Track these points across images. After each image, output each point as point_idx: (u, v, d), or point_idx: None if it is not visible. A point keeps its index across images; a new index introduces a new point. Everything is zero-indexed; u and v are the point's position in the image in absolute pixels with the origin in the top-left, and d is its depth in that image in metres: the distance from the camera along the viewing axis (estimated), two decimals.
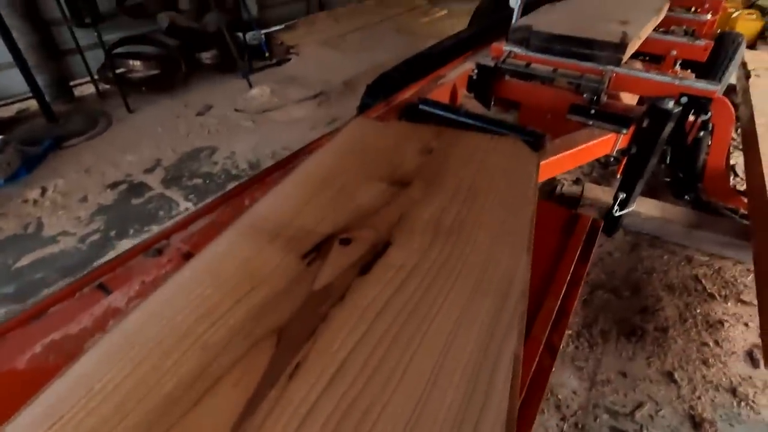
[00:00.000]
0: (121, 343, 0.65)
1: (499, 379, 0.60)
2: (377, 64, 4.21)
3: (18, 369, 0.74)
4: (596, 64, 2.03)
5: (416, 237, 0.84)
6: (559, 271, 0.92)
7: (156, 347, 0.64)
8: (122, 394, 0.58)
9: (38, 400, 0.57)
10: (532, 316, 0.83)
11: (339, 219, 0.89)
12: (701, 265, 2.18)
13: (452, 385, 0.59)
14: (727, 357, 1.76)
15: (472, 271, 0.77)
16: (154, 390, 0.58)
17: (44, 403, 0.57)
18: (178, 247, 1.02)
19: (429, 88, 2.01)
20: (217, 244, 0.82)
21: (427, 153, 1.11)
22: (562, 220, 1.09)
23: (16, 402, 0.56)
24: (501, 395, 0.58)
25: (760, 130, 2.66)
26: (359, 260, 0.79)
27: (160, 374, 0.60)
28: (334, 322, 0.67)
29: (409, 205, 0.92)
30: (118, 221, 2.42)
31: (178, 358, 0.62)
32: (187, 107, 3.68)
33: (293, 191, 0.97)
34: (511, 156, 1.10)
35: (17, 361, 0.75)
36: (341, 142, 1.17)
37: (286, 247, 0.82)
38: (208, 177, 2.82)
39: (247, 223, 0.88)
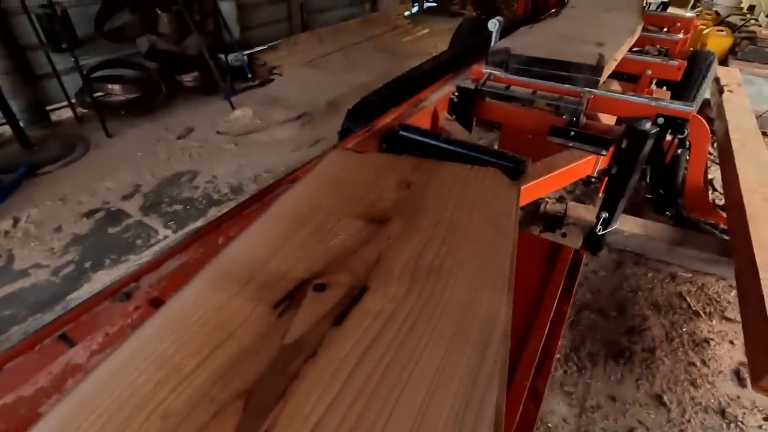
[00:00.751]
0: (75, 413, 0.60)
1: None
2: (361, 84, 4.24)
3: None
4: (574, 86, 2.05)
5: (394, 280, 0.81)
6: (541, 310, 0.90)
7: (112, 417, 0.59)
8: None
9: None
10: (515, 360, 0.80)
11: (314, 262, 0.85)
12: (685, 282, 2.19)
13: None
14: (714, 377, 1.75)
15: (452, 316, 0.74)
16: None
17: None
18: (147, 291, 0.97)
19: (410, 113, 2.01)
20: (183, 295, 0.78)
21: (406, 187, 1.09)
22: (543, 252, 1.07)
23: None
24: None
25: (735, 146, 2.72)
26: (334, 308, 0.75)
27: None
28: (306, 380, 0.64)
29: (387, 245, 0.90)
30: (93, 252, 2.34)
31: (136, 430, 0.58)
32: (168, 131, 3.63)
33: (267, 232, 0.93)
34: (490, 188, 1.08)
35: None
36: (318, 176, 1.14)
37: (257, 296, 0.78)
38: (189, 202, 2.76)
39: (217, 268, 0.84)
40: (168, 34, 3.79)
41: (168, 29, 3.76)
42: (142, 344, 0.70)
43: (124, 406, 0.60)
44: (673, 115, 1.90)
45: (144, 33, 3.73)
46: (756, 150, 2.68)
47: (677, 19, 3.63)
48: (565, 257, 1.05)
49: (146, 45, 3.68)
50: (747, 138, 2.81)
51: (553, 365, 0.82)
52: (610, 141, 1.85)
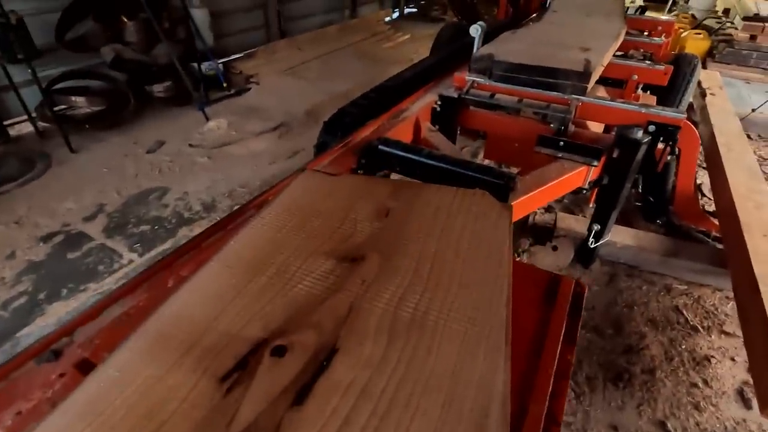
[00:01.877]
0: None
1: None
2: (341, 93, 4.11)
3: None
4: (561, 93, 1.96)
5: (369, 339, 0.67)
6: (542, 361, 0.77)
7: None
8: None
9: None
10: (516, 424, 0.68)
11: (273, 317, 0.71)
12: (681, 295, 2.10)
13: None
14: (718, 398, 1.66)
15: (439, 385, 0.61)
16: None
17: None
18: (77, 353, 0.82)
19: (390, 124, 1.88)
20: (106, 369, 0.63)
21: (384, 216, 0.95)
22: (540, 285, 0.95)
23: None
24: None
25: (723, 150, 2.67)
26: (295, 380, 0.61)
27: None
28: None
29: (361, 291, 0.76)
30: (49, 281, 2.15)
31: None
32: (137, 144, 3.43)
33: (216, 280, 0.79)
34: (480, 215, 0.96)
35: None
36: (281, 206, 1.00)
37: (201, 365, 0.63)
38: (157, 222, 2.58)
39: (153, 330, 0.69)
40: (135, 42, 3.60)
41: (135, 38, 3.58)
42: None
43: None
44: (664, 123, 1.82)
45: (109, 42, 3.53)
46: (743, 154, 2.63)
47: (658, 23, 3.61)
48: (566, 291, 0.93)
49: (111, 54, 3.48)
50: (733, 142, 2.77)
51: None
52: (601, 151, 1.75)
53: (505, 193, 1.43)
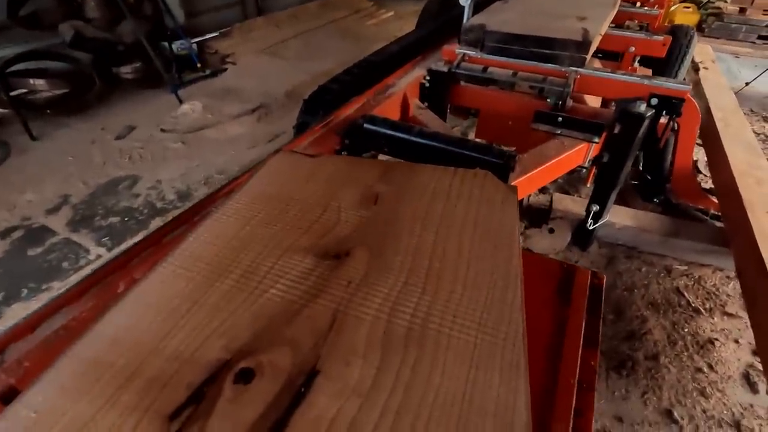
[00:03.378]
0: None
1: None
2: (323, 72, 3.90)
3: None
4: (558, 65, 1.83)
5: (357, 357, 0.54)
6: (563, 369, 0.66)
7: None
8: None
9: None
10: None
11: (238, 332, 0.57)
12: (681, 276, 2.03)
13: None
14: (724, 383, 1.59)
15: (447, 416, 0.48)
16: None
17: None
18: (3, 377, 0.67)
19: (376, 101, 1.73)
20: (23, 405, 0.49)
21: (372, 203, 0.81)
22: (553, 279, 0.83)
23: None
24: None
25: (720, 125, 2.58)
26: (264, 416, 0.48)
27: None
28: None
29: (346, 296, 0.63)
30: (8, 280, 1.96)
31: None
32: (105, 130, 3.20)
33: (171, 286, 0.64)
34: (483, 200, 0.83)
35: None
36: (250, 193, 0.85)
37: (143, 401, 0.49)
38: (128, 213, 2.40)
39: (84, 356, 0.55)
40: (97, 19, 3.32)
41: (97, 14, 3.30)
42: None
43: None
44: (668, 95, 1.70)
45: (67, 18, 3.25)
46: (741, 129, 2.55)
47: None
48: (582, 284, 0.81)
49: (71, 32, 3.21)
50: (730, 117, 2.68)
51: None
52: (603, 126, 1.63)
53: (505, 173, 1.30)
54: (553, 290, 0.81)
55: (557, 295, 0.80)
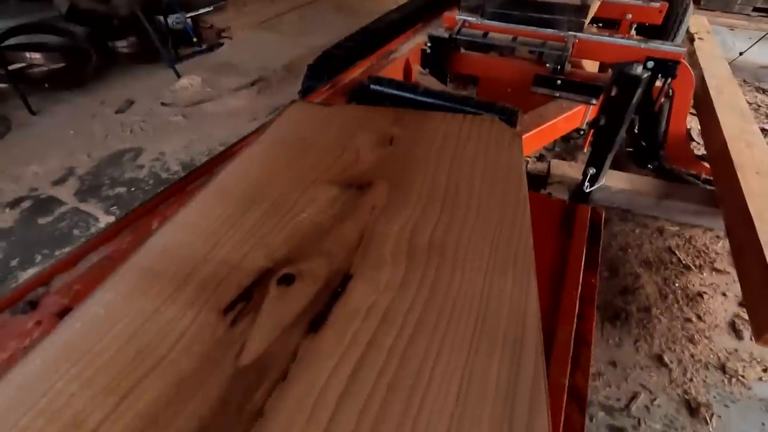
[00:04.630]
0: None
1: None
2: (320, 46, 3.85)
3: None
4: (557, 30, 1.87)
5: (386, 264, 0.61)
6: (566, 286, 0.73)
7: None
8: None
9: None
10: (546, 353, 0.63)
11: (277, 245, 0.64)
12: (673, 236, 2.11)
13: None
14: (711, 331, 1.69)
15: (468, 308, 0.55)
16: None
17: None
18: (55, 300, 0.73)
19: (380, 65, 1.77)
20: (89, 306, 0.55)
21: (387, 144, 0.87)
22: (556, 215, 0.90)
23: None
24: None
25: (713, 93, 2.63)
26: (308, 308, 0.55)
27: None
28: (274, 421, 0.43)
29: (371, 218, 0.69)
30: (21, 247, 2.01)
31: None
32: (104, 105, 3.20)
33: (209, 212, 0.70)
34: (490, 141, 0.88)
35: None
36: (274, 137, 0.90)
37: (200, 297, 0.56)
38: (134, 184, 2.43)
39: (140, 266, 0.61)
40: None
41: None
42: (23, 386, 0.47)
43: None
44: (664, 58, 1.75)
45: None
46: (734, 97, 2.60)
47: None
48: (583, 219, 0.88)
49: (66, 4, 3.17)
50: (723, 85, 2.73)
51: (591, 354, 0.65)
52: (601, 88, 1.69)
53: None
54: (557, 224, 0.87)
55: (560, 228, 0.87)
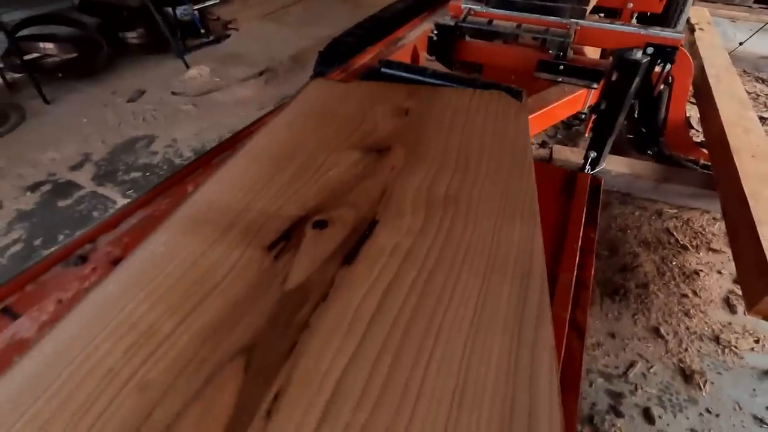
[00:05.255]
0: (22, 390, 0.46)
1: (542, 390, 0.47)
2: (325, 37, 3.92)
3: None
4: (560, 17, 1.93)
5: (406, 213, 0.68)
6: (567, 239, 0.81)
7: (73, 392, 0.45)
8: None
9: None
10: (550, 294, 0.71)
11: (308, 198, 0.71)
12: (671, 218, 2.19)
13: (484, 406, 0.45)
14: (706, 306, 1.77)
15: (481, 249, 0.63)
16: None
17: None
18: (107, 251, 0.81)
19: (388, 51, 1.84)
20: (149, 246, 0.63)
21: (403, 114, 0.94)
22: (559, 181, 0.97)
23: None
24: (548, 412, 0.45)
25: (712, 81, 2.69)
26: (341, 247, 0.62)
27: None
28: (319, 330, 0.51)
29: (391, 176, 0.76)
30: (43, 228, 2.09)
31: (106, 406, 0.44)
32: (116, 94, 3.27)
33: (245, 171, 0.78)
34: (498, 113, 0.96)
35: None
36: (298, 109, 0.98)
37: (245, 239, 0.64)
38: (148, 169, 2.51)
39: (188, 215, 0.68)
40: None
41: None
42: (102, 305, 0.55)
43: (86, 380, 0.46)
44: (662, 44, 1.81)
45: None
46: (732, 85, 2.66)
47: None
48: (583, 184, 0.95)
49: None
50: (722, 74, 2.79)
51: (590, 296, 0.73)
52: (601, 72, 1.75)
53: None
54: (560, 189, 0.95)
55: (563, 192, 0.94)
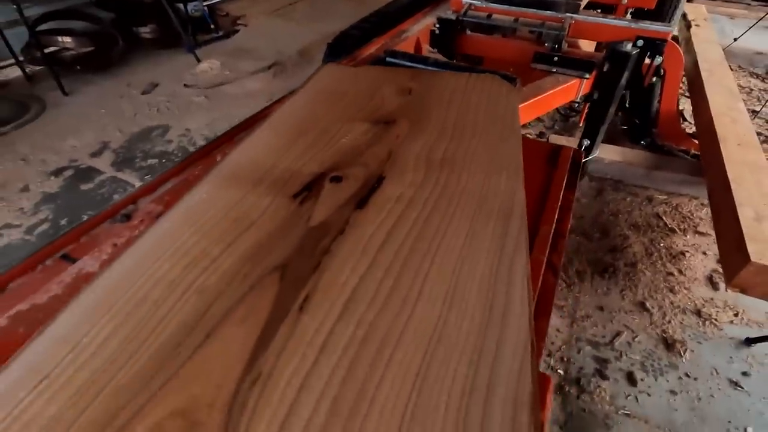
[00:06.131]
0: (102, 298, 0.58)
1: (516, 295, 0.59)
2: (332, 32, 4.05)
3: None
4: (555, 11, 2.04)
5: (409, 171, 0.81)
6: (549, 199, 0.93)
7: (144, 298, 0.58)
8: (113, 347, 0.52)
9: (16, 363, 0.50)
10: (530, 239, 0.83)
11: (325, 159, 0.84)
12: (661, 204, 2.30)
13: (469, 305, 0.57)
14: (690, 283, 1.88)
15: (471, 197, 0.75)
16: (149, 340, 0.53)
17: (24, 364, 0.50)
18: (150, 209, 0.94)
19: (393, 43, 1.95)
20: (194, 194, 0.76)
21: (407, 93, 1.07)
22: (545, 153, 1.09)
23: None
24: (520, 310, 0.57)
25: (705, 75, 2.80)
26: (354, 195, 0.75)
27: (153, 324, 0.54)
28: (338, 254, 0.64)
29: (396, 142, 0.89)
30: (68, 209, 2.23)
31: (172, 305, 0.57)
32: (130, 86, 3.41)
33: (269, 138, 0.90)
34: (491, 92, 1.08)
35: None
36: (313, 88, 1.10)
37: (273, 190, 0.76)
38: (164, 156, 2.64)
39: (224, 172, 0.81)
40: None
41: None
42: (160, 237, 0.68)
43: (153, 289, 0.59)
44: (652, 37, 1.93)
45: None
46: (723, 77, 2.77)
47: None
48: (566, 156, 1.07)
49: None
50: (714, 68, 2.89)
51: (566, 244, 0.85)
52: (593, 64, 1.86)
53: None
54: (545, 159, 1.07)
55: (547, 162, 1.06)
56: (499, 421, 0.46)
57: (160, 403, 0.46)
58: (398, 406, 0.46)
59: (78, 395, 0.47)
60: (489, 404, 0.47)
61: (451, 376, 0.49)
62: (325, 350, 0.51)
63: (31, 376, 0.49)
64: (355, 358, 0.50)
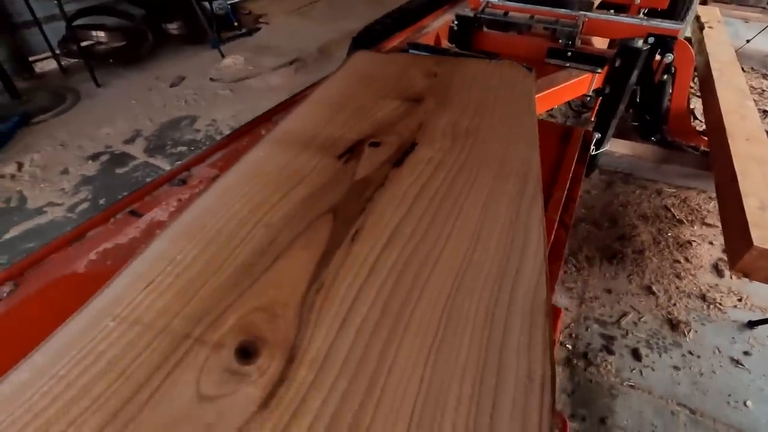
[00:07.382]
0: (186, 230, 0.70)
1: (533, 234, 0.70)
2: (351, 31, 4.18)
3: (80, 273, 0.78)
4: (569, 9, 2.14)
5: (437, 139, 0.92)
6: (562, 170, 1.03)
7: (220, 230, 0.69)
8: (201, 264, 0.63)
9: (127, 271, 0.62)
10: (545, 202, 0.93)
11: (363, 129, 0.95)
12: (670, 196, 2.37)
13: (492, 241, 0.68)
14: (696, 270, 1.96)
15: (493, 162, 0.86)
16: (229, 260, 0.64)
17: (132, 273, 0.62)
18: (205, 174, 1.06)
19: (414, 37, 2.07)
20: (251, 156, 0.87)
21: (432, 76, 1.18)
22: (559, 133, 1.19)
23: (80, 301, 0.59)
24: (536, 246, 0.68)
25: (716, 74, 2.87)
26: (391, 157, 0.86)
27: (231, 249, 0.66)
28: (380, 202, 0.75)
29: (425, 116, 1.00)
30: (105, 190, 2.38)
31: (245, 235, 0.68)
32: (159, 80, 3.57)
33: (312, 113, 1.02)
34: (510, 77, 1.18)
35: (77, 265, 0.79)
36: (346, 72, 1.22)
37: (320, 152, 0.88)
38: (193, 144, 2.79)
39: (275, 138, 0.93)
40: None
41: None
42: (227, 187, 0.79)
43: (226, 225, 0.70)
44: (663, 34, 2.01)
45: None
46: (734, 77, 2.83)
47: None
48: (578, 136, 1.17)
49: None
50: (725, 68, 2.95)
51: (576, 208, 0.95)
52: (605, 59, 1.96)
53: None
54: (559, 138, 1.17)
55: (561, 141, 1.16)
56: (519, 322, 0.56)
57: (245, 303, 0.58)
58: (436, 310, 0.57)
59: (179, 295, 0.59)
60: (511, 312, 0.58)
61: (480, 289, 0.60)
62: (375, 270, 0.62)
63: (138, 283, 0.61)
64: (400, 275, 0.61)
